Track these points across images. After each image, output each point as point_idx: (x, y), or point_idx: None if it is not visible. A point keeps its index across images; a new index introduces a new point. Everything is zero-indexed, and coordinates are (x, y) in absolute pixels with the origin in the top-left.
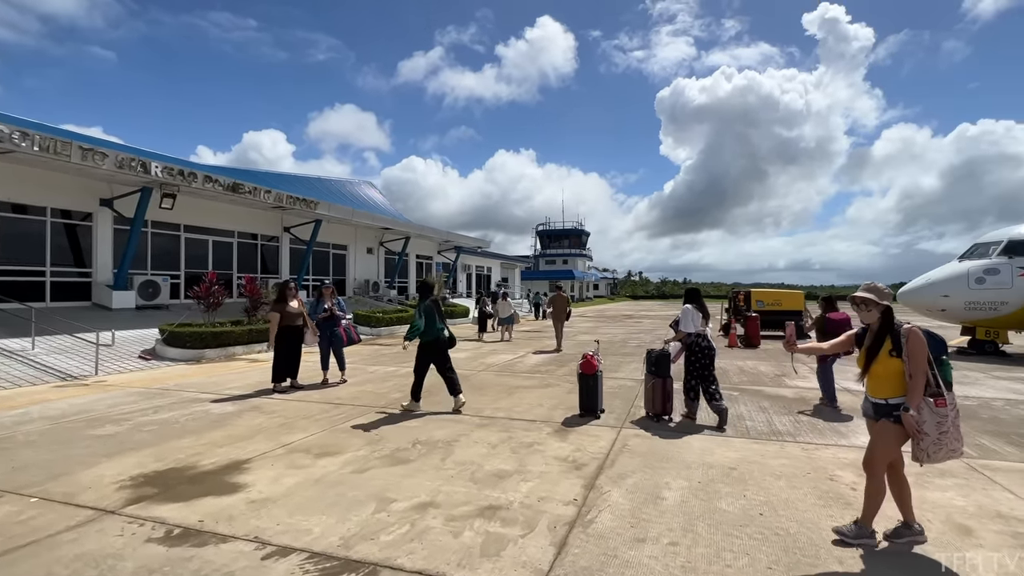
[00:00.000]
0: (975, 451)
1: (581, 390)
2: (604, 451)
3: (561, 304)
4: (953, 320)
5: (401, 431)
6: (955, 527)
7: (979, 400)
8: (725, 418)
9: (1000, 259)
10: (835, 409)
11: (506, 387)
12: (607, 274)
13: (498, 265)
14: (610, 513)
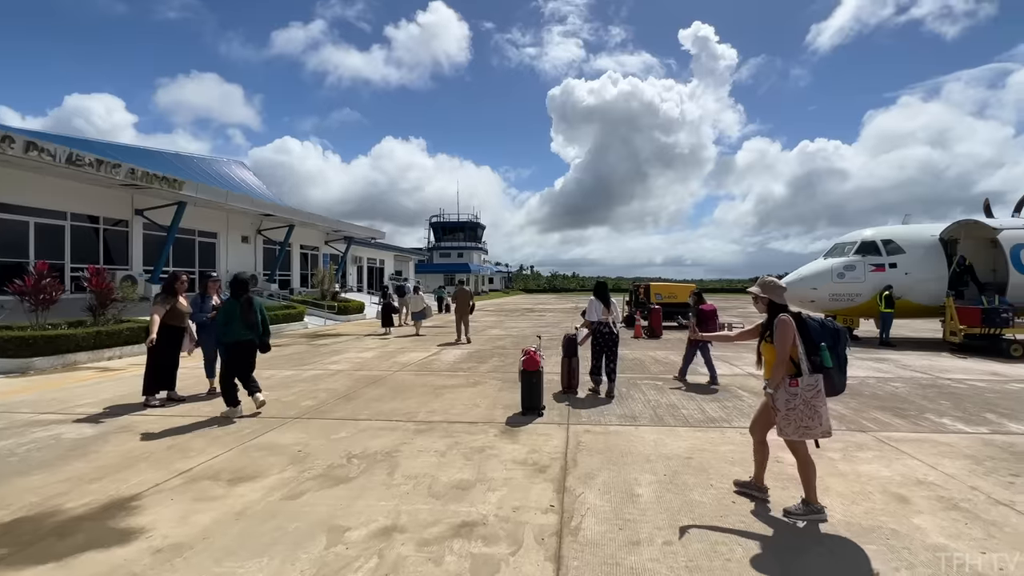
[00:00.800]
0: (873, 424)
1: (524, 387)
2: (560, 450)
3: (465, 298)
4: (820, 309)
5: (328, 444)
6: (894, 496)
7: (858, 380)
8: (612, 392)
9: (855, 257)
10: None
11: (431, 388)
12: (501, 268)
13: (391, 257)
14: (593, 517)
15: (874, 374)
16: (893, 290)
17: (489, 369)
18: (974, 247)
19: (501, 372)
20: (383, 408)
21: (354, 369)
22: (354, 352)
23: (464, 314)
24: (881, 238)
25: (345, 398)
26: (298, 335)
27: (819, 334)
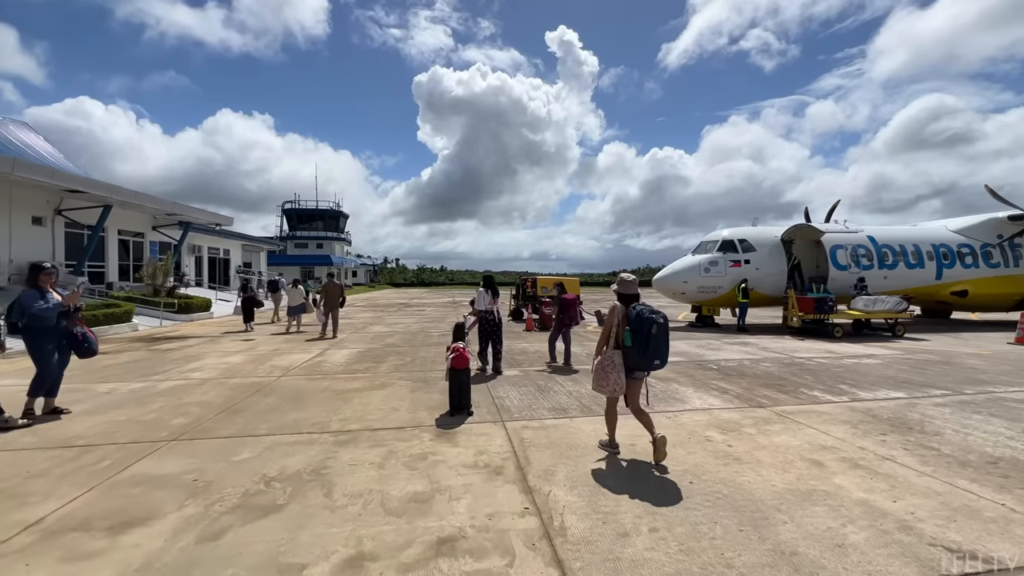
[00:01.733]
0: (767, 400)
1: (452, 386)
2: (507, 449)
3: (335, 292)
4: (690, 300)
5: (232, 468)
6: (811, 462)
7: (736, 361)
8: (499, 369)
9: (718, 254)
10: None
11: (333, 393)
12: (365, 261)
13: (238, 247)
14: (572, 515)
15: (746, 356)
16: (748, 283)
17: (391, 369)
18: (804, 247)
19: (406, 372)
20: (284, 420)
21: (224, 376)
22: (216, 357)
23: (334, 308)
24: (737, 237)
25: (229, 411)
26: (129, 339)
27: (632, 320)
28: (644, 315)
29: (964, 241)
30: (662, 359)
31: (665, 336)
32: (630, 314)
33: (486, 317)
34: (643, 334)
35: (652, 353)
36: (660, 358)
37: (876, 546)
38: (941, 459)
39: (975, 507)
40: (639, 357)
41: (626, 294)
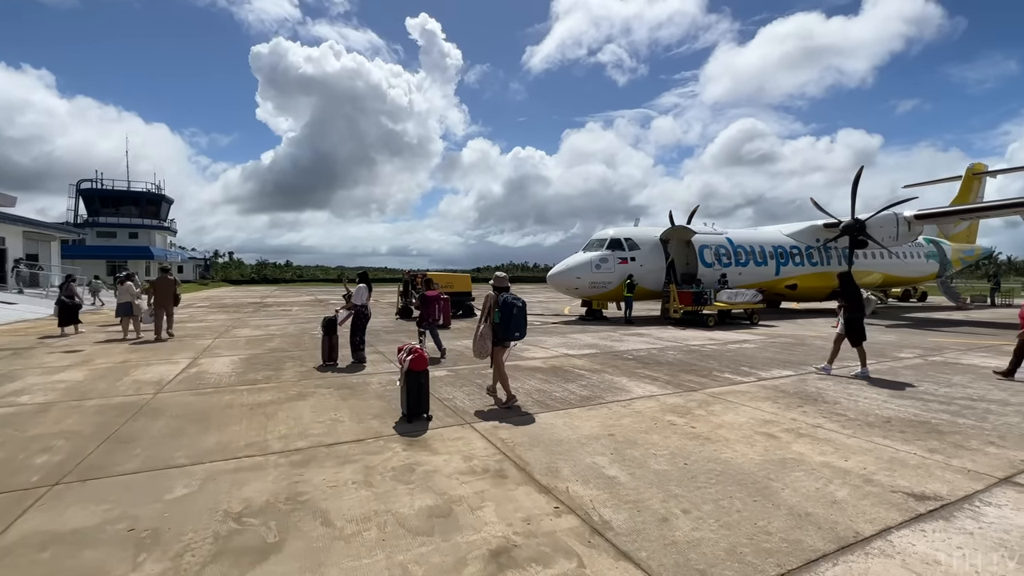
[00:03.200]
0: (695, 385)
1: (411, 390)
2: (494, 451)
3: (168, 288)
4: (582, 295)
5: (174, 509)
6: (767, 435)
7: (644, 351)
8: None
9: (607, 252)
10: None
11: (246, 408)
12: (193, 254)
13: (18, 234)
14: (605, 507)
15: (649, 346)
16: (634, 278)
17: (297, 377)
18: (678, 246)
19: (319, 379)
20: (203, 445)
21: (74, 399)
22: (41, 374)
23: (167, 306)
24: (623, 236)
25: (114, 441)
26: None
27: (500, 305)
28: (508, 301)
29: (794, 243)
30: (521, 332)
31: (523, 316)
32: (499, 301)
33: (362, 312)
34: (507, 314)
35: (513, 328)
36: (520, 331)
37: (858, 498)
38: (852, 423)
39: (900, 458)
40: (504, 331)
41: (499, 287)
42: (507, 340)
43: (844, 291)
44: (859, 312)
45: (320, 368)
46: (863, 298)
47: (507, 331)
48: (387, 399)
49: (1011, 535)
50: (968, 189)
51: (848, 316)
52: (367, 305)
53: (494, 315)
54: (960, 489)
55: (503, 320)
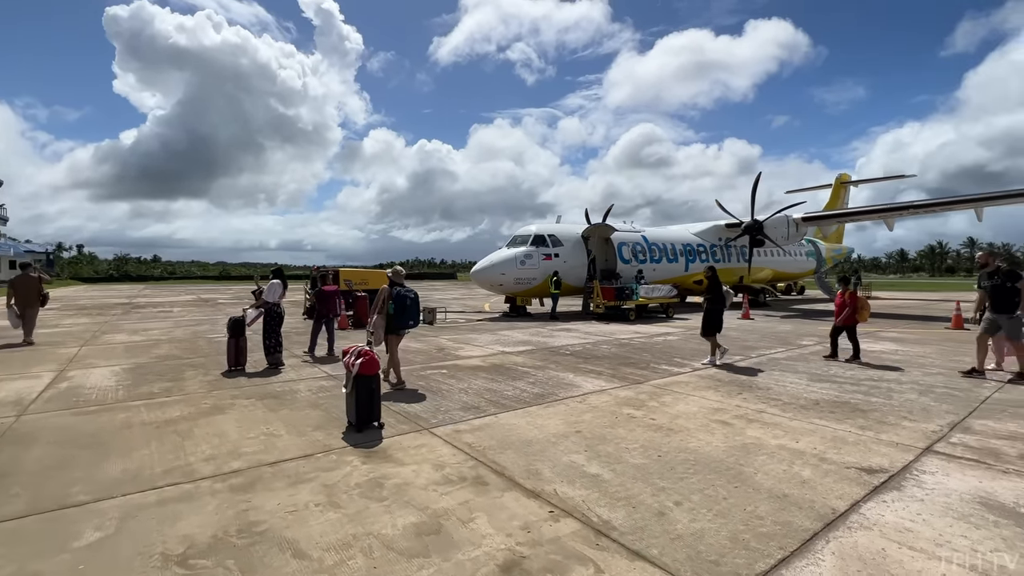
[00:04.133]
0: (638, 378)
1: (361, 396)
2: (465, 457)
3: (30, 288)
4: (507, 291)
5: (93, 559)
6: (722, 423)
7: (579, 346)
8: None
9: (531, 248)
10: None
11: (151, 428)
12: (31, 246)
13: None
14: (600, 507)
15: (581, 341)
16: (559, 274)
17: (205, 387)
18: (598, 244)
19: (235, 388)
20: (105, 475)
21: None
22: None
23: (31, 307)
24: (547, 233)
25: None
26: None
27: (394, 297)
28: (402, 293)
29: (701, 242)
30: (415, 321)
31: (415, 307)
32: (394, 293)
33: (274, 310)
34: (400, 306)
35: (407, 317)
36: (413, 320)
37: (821, 476)
38: (789, 407)
39: (840, 436)
40: (397, 321)
41: (395, 281)
42: (400, 329)
43: (710, 284)
44: (720, 304)
45: (227, 375)
46: (724, 291)
47: (400, 320)
48: (324, 407)
49: (951, 499)
50: (837, 196)
51: (709, 307)
52: (280, 303)
53: (388, 307)
54: (898, 461)
55: (396, 311)
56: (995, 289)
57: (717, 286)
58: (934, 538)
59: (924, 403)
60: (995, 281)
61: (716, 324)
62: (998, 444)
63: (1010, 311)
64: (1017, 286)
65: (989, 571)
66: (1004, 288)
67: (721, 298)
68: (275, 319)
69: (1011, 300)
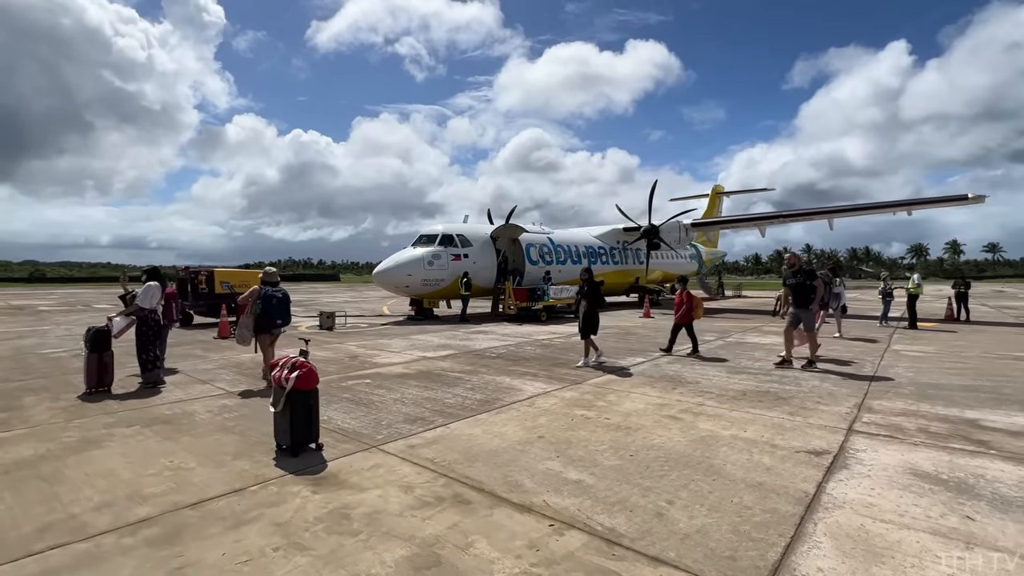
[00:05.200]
0: (574, 379)
1: (296, 415)
2: (432, 474)
3: None
4: (413, 293)
5: None
6: (672, 418)
7: (502, 348)
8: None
9: (439, 248)
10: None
11: (3, 468)
12: None
13: None
14: (599, 515)
15: (502, 343)
16: (470, 275)
17: (62, 415)
18: (507, 245)
19: (106, 414)
20: None
21: None
22: None
23: None
24: (455, 232)
25: None
26: None
27: (263, 297)
28: (269, 293)
29: (601, 244)
30: (284, 321)
31: (283, 306)
32: (263, 293)
33: (151, 317)
34: (268, 305)
35: (275, 316)
36: (283, 319)
37: (780, 462)
38: (722, 398)
39: (777, 423)
40: (265, 319)
41: (267, 281)
42: (270, 328)
43: (587, 286)
44: (598, 305)
45: (88, 398)
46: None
47: (267, 319)
48: (239, 431)
49: (889, 472)
50: (713, 205)
51: (588, 309)
52: (158, 310)
53: (255, 306)
54: (833, 443)
55: (264, 310)
56: (797, 286)
57: (595, 287)
58: (894, 509)
59: (827, 388)
60: (798, 279)
61: (593, 325)
62: (897, 420)
63: (805, 305)
64: (814, 284)
65: (948, 533)
66: (804, 285)
67: (599, 299)
68: (152, 329)
69: (808, 296)
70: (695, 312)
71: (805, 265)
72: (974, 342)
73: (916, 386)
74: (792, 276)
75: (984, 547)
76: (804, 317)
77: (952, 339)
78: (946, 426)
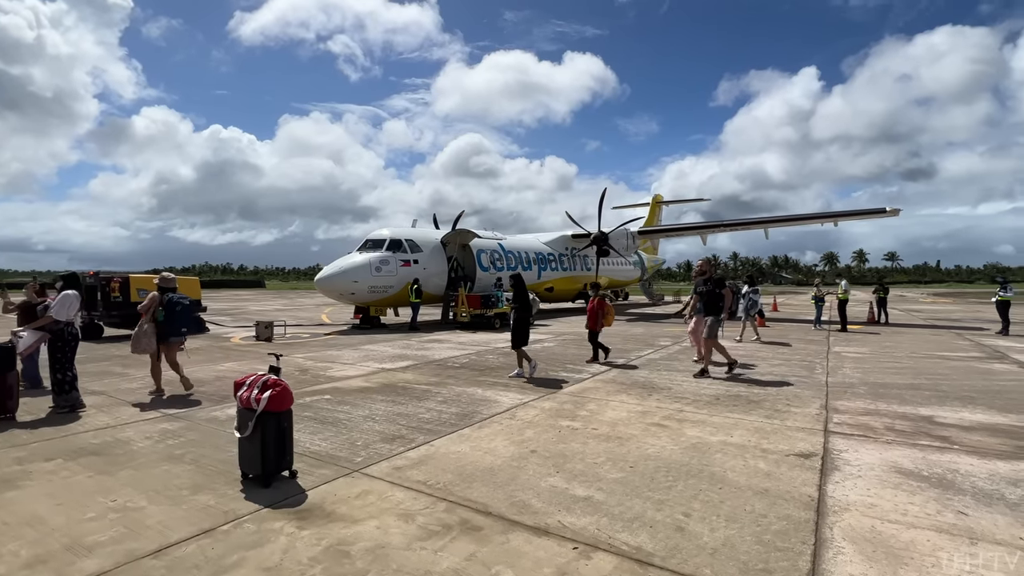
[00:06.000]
0: (551, 389)
1: (268, 440)
2: (430, 499)
3: None
4: (359, 301)
5: None
6: (658, 425)
7: (464, 357)
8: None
9: (387, 253)
10: None
11: None
12: None
13: None
14: (619, 532)
15: (462, 352)
16: (420, 282)
17: None
18: (457, 250)
19: (20, 447)
20: None
21: None
22: None
23: None
24: (404, 237)
25: None
26: None
27: (165, 304)
28: (174, 300)
29: (551, 251)
30: (187, 328)
31: (186, 314)
32: (164, 300)
33: (67, 331)
34: (171, 312)
35: (178, 324)
36: (186, 327)
37: (775, 466)
38: (699, 404)
39: (758, 427)
40: (168, 327)
41: (165, 287)
42: (172, 336)
43: (515, 292)
44: (527, 312)
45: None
46: (531, 299)
47: (172, 327)
48: (191, 460)
49: (876, 472)
50: (654, 213)
51: (516, 316)
52: (74, 322)
53: (158, 313)
54: (816, 445)
55: (169, 317)
56: (708, 294)
57: (524, 294)
58: (895, 509)
59: (792, 391)
60: (708, 287)
61: (524, 336)
62: (865, 420)
63: (715, 313)
64: (722, 292)
65: (950, 530)
66: (713, 294)
67: (528, 306)
68: (69, 344)
69: (717, 304)
70: (606, 319)
71: (715, 273)
72: (898, 343)
73: (868, 386)
74: (703, 284)
75: (986, 542)
76: (709, 324)
77: (879, 340)
78: (908, 423)
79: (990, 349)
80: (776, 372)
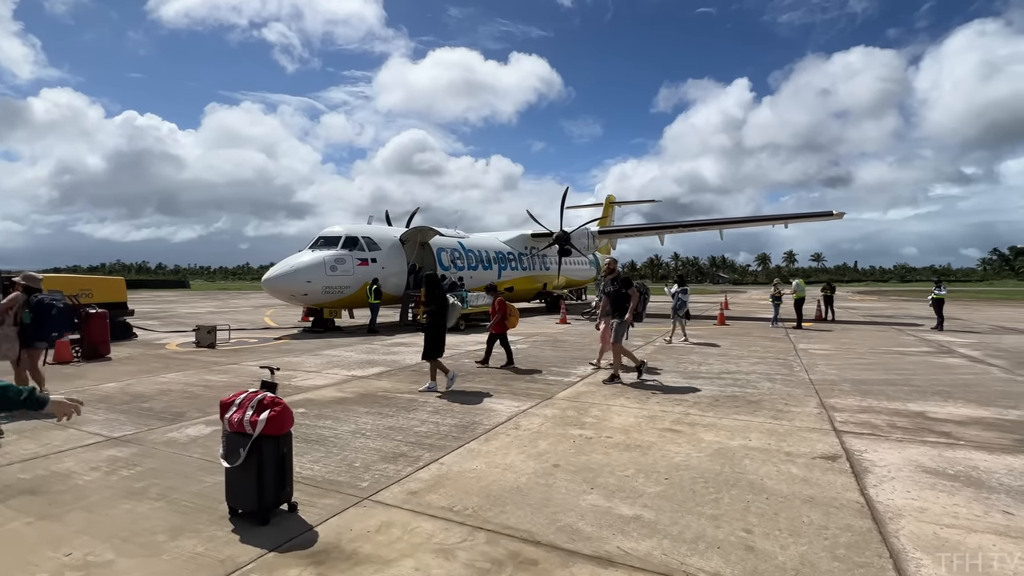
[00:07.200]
0: (538, 390)
1: (266, 468)
2: (465, 529)
3: None
4: (312, 302)
5: None
6: (674, 432)
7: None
8: None
9: (343, 251)
10: None
11: None
12: None
13: None
14: (686, 556)
15: None
16: (379, 282)
17: None
18: (415, 248)
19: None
20: None
21: None
22: None
23: None
24: (361, 234)
25: None
26: None
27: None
28: (45, 301)
29: (510, 250)
30: (60, 332)
31: (62, 316)
32: (31, 301)
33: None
34: (44, 315)
35: (51, 328)
36: (59, 331)
37: (807, 470)
38: (701, 406)
39: (769, 428)
40: (36, 330)
41: (31, 287)
42: (40, 340)
43: (428, 294)
44: (443, 318)
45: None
46: (449, 304)
47: (42, 331)
48: (156, 494)
49: (906, 472)
50: (607, 214)
51: (430, 322)
52: None
53: (24, 316)
54: (835, 446)
55: (37, 320)
56: (614, 294)
57: (441, 295)
58: (945, 512)
59: (782, 390)
60: (615, 287)
61: (438, 344)
62: (865, 417)
63: (622, 315)
64: (628, 292)
65: (1007, 532)
66: (620, 294)
67: (444, 311)
68: None
69: (623, 305)
70: (509, 321)
71: (622, 273)
72: (854, 339)
73: (850, 383)
74: (610, 284)
75: None
76: (616, 327)
77: (836, 337)
78: (906, 420)
79: (936, 344)
80: (757, 370)
